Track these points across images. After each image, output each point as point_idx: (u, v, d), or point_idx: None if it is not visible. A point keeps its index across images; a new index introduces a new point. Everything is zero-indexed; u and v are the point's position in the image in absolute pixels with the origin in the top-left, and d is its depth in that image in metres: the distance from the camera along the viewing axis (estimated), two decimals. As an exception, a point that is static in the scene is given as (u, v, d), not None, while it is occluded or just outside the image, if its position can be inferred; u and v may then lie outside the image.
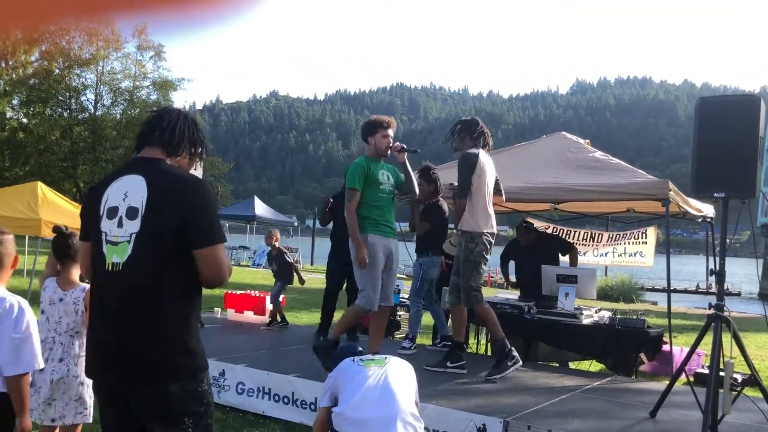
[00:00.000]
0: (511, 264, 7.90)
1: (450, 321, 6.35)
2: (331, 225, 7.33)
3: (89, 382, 3.47)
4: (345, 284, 7.21)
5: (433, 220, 6.68)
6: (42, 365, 2.83)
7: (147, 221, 2.19)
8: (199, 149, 2.46)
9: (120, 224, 2.22)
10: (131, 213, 2.21)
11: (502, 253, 7.88)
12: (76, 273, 3.54)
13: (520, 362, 5.53)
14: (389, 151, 5.30)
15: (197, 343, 2.27)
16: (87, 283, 3.58)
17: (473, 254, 5.42)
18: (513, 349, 5.54)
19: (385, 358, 3.52)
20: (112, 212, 2.25)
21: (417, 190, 5.57)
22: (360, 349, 3.82)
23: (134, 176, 2.27)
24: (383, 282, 5.25)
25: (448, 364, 5.57)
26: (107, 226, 2.25)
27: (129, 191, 2.24)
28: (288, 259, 8.14)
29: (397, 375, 3.36)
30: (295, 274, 8.18)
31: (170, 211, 2.19)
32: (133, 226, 2.20)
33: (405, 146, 5.37)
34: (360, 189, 5.15)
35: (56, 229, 3.60)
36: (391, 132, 5.30)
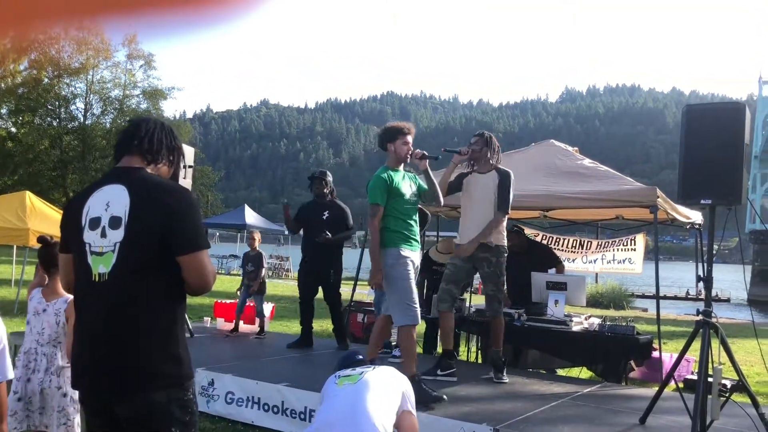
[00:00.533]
0: None
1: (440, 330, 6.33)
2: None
3: (73, 393, 3.45)
4: (323, 293, 7.22)
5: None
6: (11, 375, 2.82)
7: (130, 230, 2.19)
8: (177, 157, 2.46)
9: (103, 234, 2.22)
10: (114, 222, 2.21)
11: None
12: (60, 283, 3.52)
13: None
14: (409, 159, 5.07)
15: (183, 350, 2.27)
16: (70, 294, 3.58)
17: (504, 268, 5.64)
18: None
19: (361, 372, 3.32)
20: (95, 223, 2.24)
21: (441, 198, 5.27)
22: (360, 357, 3.73)
23: (115, 186, 2.27)
24: None
25: (439, 372, 5.58)
26: (90, 237, 2.24)
27: (111, 201, 2.24)
28: (264, 264, 8.08)
29: (372, 391, 3.17)
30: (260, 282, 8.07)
31: (153, 219, 2.19)
32: (117, 235, 2.20)
33: (426, 153, 5.12)
34: (383, 204, 4.86)
35: (41, 238, 3.58)
36: (410, 138, 5.06)
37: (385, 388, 3.25)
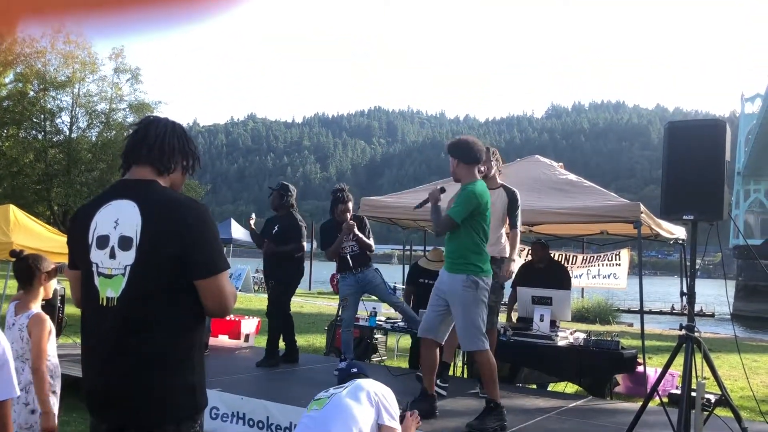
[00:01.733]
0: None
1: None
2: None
3: (39, 410, 3.38)
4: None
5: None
6: (18, 392, 2.76)
7: (142, 252, 2.02)
8: (191, 162, 2.27)
9: (112, 255, 2.05)
10: (124, 243, 2.04)
11: (515, 282, 7.42)
12: (33, 297, 3.48)
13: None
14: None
15: (199, 377, 2.13)
16: (37, 308, 3.52)
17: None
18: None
19: (330, 395, 3.28)
20: (102, 241, 2.07)
21: (434, 230, 5.01)
22: (354, 370, 3.69)
23: (125, 201, 2.08)
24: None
25: (438, 382, 5.53)
26: (98, 256, 2.07)
27: (120, 218, 2.06)
28: None
29: (338, 414, 3.13)
30: None
31: (168, 241, 2.03)
32: (127, 257, 2.03)
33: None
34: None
35: (12, 252, 3.55)
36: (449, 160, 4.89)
37: (354, 407, 3.18)
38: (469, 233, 4.65)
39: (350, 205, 6.69)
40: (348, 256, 6.61)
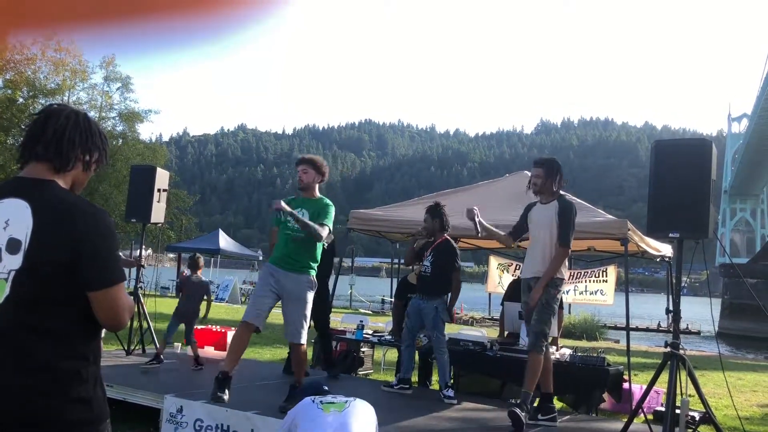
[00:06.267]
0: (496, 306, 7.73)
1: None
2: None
3: None
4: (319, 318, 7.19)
5: None
6: None
7: (30, 257, 1.87)
8: (96, 156, 2.09)
9: None
10: (12, 246, 1.89)
11: (505, 297, 7.64)
12: None
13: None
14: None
15: (94, 389, 1.96)
16: None
17: (555, 299, 5.35)
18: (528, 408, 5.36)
19: (346, 401, 3.42)
20: None
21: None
22: (325, 387, 3.76)
23: (17, 201, 1.94)
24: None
25: (540, 416, 5.39)
26: None
27: (11, 219, 1.91)
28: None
29: (358, 422, 3.29)
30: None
31: (59, 247, 1.88)
32: (14, 261, 1.88)
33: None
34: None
35: None
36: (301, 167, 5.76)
37: (367, 421, 3.37)
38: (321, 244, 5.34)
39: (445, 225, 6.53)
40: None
